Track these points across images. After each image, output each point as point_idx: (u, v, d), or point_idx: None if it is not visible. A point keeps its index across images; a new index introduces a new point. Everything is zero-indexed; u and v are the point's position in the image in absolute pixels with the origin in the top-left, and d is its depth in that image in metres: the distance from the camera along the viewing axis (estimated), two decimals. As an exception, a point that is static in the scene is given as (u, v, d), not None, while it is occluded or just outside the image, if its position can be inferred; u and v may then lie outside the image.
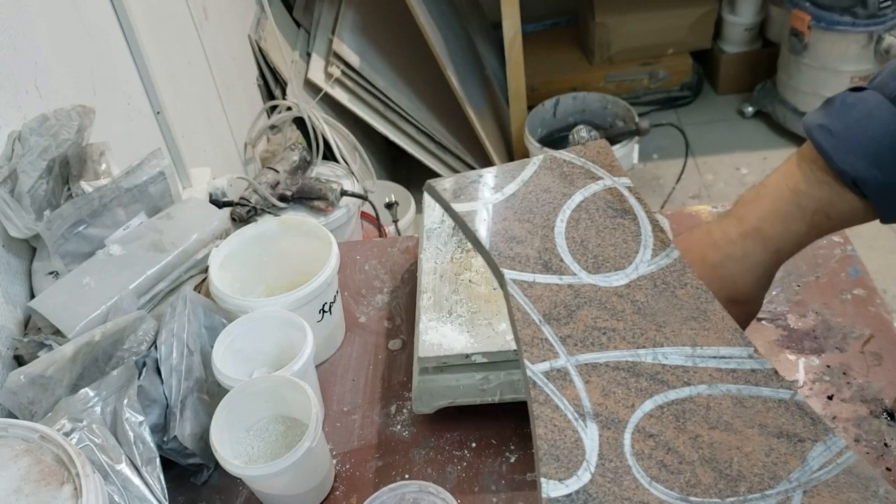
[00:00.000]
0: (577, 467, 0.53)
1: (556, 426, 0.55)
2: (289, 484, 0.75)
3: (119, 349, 0.80)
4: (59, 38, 1.10)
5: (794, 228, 0.65)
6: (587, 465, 0.53)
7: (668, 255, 0.65)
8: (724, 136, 2.68)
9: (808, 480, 0.55)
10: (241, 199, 1.56)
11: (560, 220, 0.67)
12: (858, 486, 0.55)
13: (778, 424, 0.58)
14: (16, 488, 0.61)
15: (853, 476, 0.55)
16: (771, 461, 0.56)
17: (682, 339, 0.61)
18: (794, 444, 0.57)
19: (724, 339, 0.61)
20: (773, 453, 0.56)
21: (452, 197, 0.69)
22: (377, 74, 2.23)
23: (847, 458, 0.56)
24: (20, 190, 0.89)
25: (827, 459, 0.56)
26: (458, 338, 0.77)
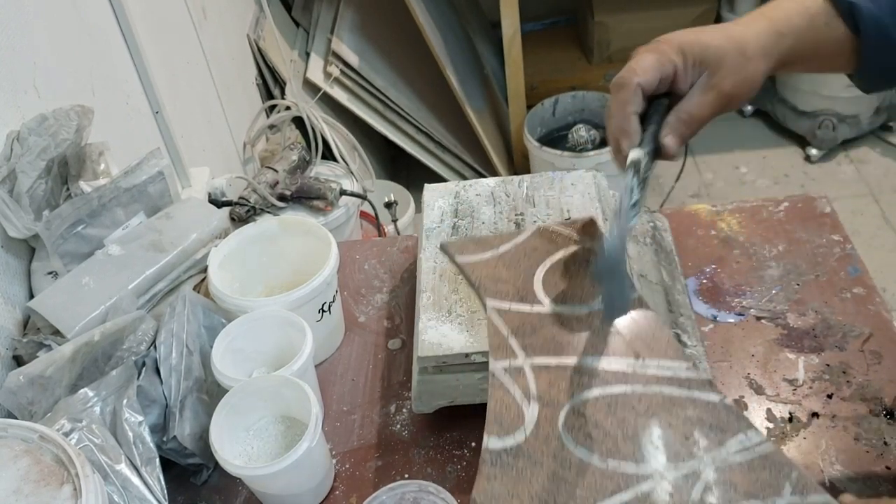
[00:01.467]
0: (515, 430, 0.66)
1: (504, 403, 0.68)
2: (288, 484, 0.75)
3: (118, 349, 0.80)
4: (57, 39, 1.10)
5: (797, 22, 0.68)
6: (524, 429, 0.66)
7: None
8: (724, 134, 2.68)
9: (722, 460, 0.64)
10: (240, 198, 1.56)
11: (540, 269, 0.80)
12: (771, 469, 0.63)
13: (701, 417, 0.67)
14: (15, 488, 0.61)
15: (768, 461, 0.64)
16: (690, 443, 0.65)
17: (628, 352, 0.72)
18: (714, 433, 0.66)
19: (667, 355, 0.72)
20: (692, 438, 0.65)
21: (457, 252, 0.83)
22: (376, 74, 2.23)
23: (764, 447, 0.65)
24: (19, 190, 0.89)
25: (744, 447, 0.65)
26: (458, 337, 0.77)
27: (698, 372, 0.70)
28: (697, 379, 0.70)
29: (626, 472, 0.62)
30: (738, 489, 0.62)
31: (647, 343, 0.72)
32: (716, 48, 0.67)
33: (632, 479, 0.62)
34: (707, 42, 0.67)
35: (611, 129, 0.69)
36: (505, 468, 0.62)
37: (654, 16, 2.63)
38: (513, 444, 0.64)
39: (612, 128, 0.69)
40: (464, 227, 0.88)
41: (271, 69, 2.09)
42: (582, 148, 2.23)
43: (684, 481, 0.62)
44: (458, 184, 0.95)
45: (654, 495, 0.61)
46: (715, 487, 0.62)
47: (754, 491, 0.62)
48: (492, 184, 0.94)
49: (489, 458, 0.62)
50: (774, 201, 1.02)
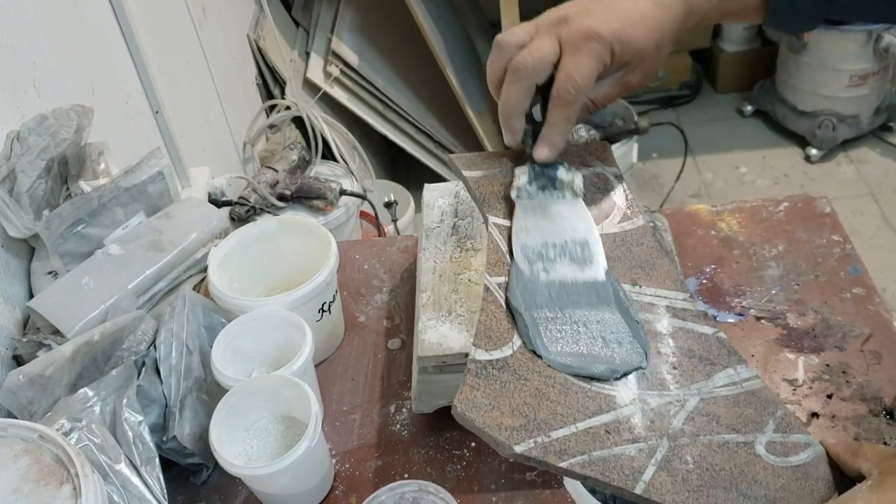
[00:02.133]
0: (504, 345, 0.64)
1: (496, 318, 0.65)
2: (288, 483, 0.75)
3: (118, 349, 0.80)
4: (57, 38, 1.10)
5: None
6: (512, 346, 0.64)
7: (633, 223, 0.74)
8: (724, 134, 2.68)
9: (708, 392, 0.63)
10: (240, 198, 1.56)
11: None
12: (757, 405, 0.63)
13: (692, 348, 0.66)
14: (15, 488, 0.61)
15: (755, 397, 0.63)
16: (678, 372, 0.64)
17: (625, 279, 0.70)
18: (704, 364, 0.65)
19: (665, 284, 0.70)
20: (681, 367, 0.64)
21: (465, 167, 0.78)
22: (376, 74, 2.23)
23: (753, 383, 0.64)
24: (19, 190, 0.89)
25: (732, 381, 0.64)
26: (458, 337, 0.77)
27: (694, 304, 0.69)
28: (693, 311, 0.69)
29: (610, 394, 0.62)
30: (720, 421, 0.61)
31: (647, 271, 0.71)
32: (639, 49, 0.67)
33: (614, 402, 0.61)
34: (634, 42, 0.67)
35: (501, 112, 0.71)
36: (489, 380, 0.61)
37: (654, 16, 2.62)
38: (500, 357, 0.62)
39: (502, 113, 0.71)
40: (464, 227, 0.88)
41: (271, 69, 2.09)
42: (582, 148, 2.23)
43: (666, 409, 0.61)
44: (458, 183, 0.95)
45: (635, 419, 0.60)
46: (697, 418, 0.61)
47: (737, 425, 0.61)
48: (492, 184, 0.94)
49: (474, 369, 0.61)
50: (774, 201, 1.02)
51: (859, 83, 2.42)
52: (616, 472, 0.57)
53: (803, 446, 0.62)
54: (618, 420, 0.60)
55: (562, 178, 0.72)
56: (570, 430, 0.59)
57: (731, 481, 0.58)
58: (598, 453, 0.58)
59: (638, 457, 0.58)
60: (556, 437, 0.58)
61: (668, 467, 0.58)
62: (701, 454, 0.59)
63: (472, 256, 0.85)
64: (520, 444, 0.57)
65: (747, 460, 0.60)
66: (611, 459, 0.57)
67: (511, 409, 0.59)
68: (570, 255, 0.69)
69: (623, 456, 0.58)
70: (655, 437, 0.59)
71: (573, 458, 0.57)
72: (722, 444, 0.60)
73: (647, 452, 0.58)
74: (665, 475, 0.57)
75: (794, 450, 0.61)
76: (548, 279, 0.68)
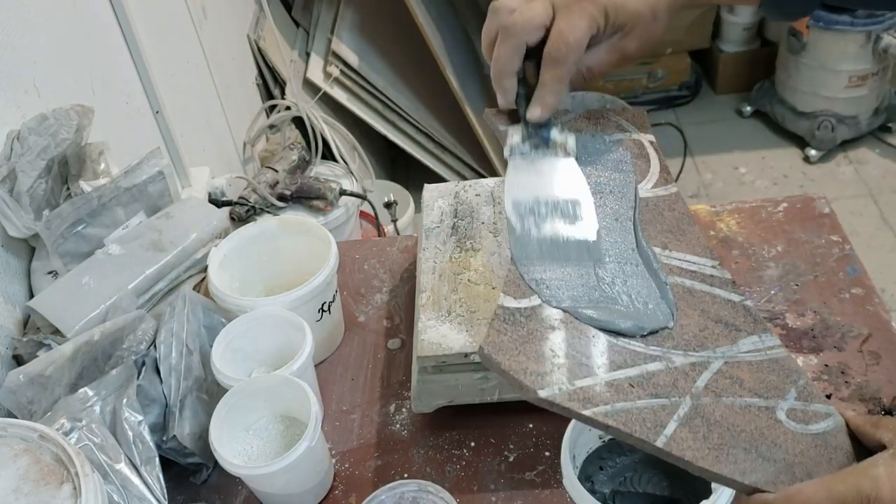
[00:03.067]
0: (532, 295, 0.64)
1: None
2: (288, 483, 0.75)
3: (118, 348, 0.80)
4: (57, 38, 1.10)
5: None
6: (539, 297, 0.64)
7: (667, 189, 0.76)
8: (723, 135, 2.68)
9: (732, 356, 0.63)
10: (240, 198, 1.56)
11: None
12: (780, 373, 0.63)
13: (719, 314, 0.66)
14: (15, 487, 0.62)
15: (778, 365, 0.63)
16: (703, 335, 0.64)
17: (656, 242, 0.71)
18: (729, 330, 0.65)
19: (694, 250, 0.71)
20: (707, 331, 0.65)
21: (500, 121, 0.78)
22: (376, 74, 2.23)
23: (777, 351, 0.64)
24: (19, 189, 0.89)
25: (756, 348, 0.64)
26: (457, 337, 0.77)
27: (722, 272, 0.70)
28: (721, 277, 0.69)
29: (635, 349, 0.62)
30: (743, 385, 0.61)
31: (677, 236, 0.72)
32: (634, 12, 0.68)
33: (639, 357, 0.61)
34: (629, 5, 0.68)
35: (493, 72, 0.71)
36: (517, 325, 0.61)
37: (654, 16, 2.63)
38: (528, 305, 0.63)
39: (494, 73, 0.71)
40: (463, 228, 0.88)
41: (271, 69, 2.09)
42: (581, 148, 2.23)
43: (691, 368, 0.62)
44: (458, 184, 0.95)
45: (659, 377, 0.60)
46: (720, 380, 0.61)
47: (759, 390, 0.61)
48: (491, 184, 0.94)
49: (502, 314, 0.61)
50: (773, 202, 1.02)
51: (858, 84, 2.42)
52: (638, 424, 0.57)
53: (824, 416, 0.62)
54: (642, 375, 0.60)
55: (554, 139, 0.73)
56: (595, 381, 0.59)
57: (751, 443, 0.58)
58: (621, 405, 0.58)
59: (661, 412, 0.58)
60: (581, 385, 0.58)
61: (689, 424, 0.58)
62: (723, 414, 0.59)
63: (471, 256, 0.85)
64: (544, 388, 0.57)
65: (768, 424, 0.60)
66: (633, 411, 0.58)
67: (537, 356, 0.59)
68: (561, 212, 0.70)
69: (646, 409, 0.58)
70: (678, 394, 0.60)
71: (596, 406, 0.57)
72: (744, 407, 0.60)
73: (669, 408, 0.58)
74: (687, 431, 0.57)
75: (814, 418, 0.61)
76: (539, 235, 0.68)
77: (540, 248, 0.68)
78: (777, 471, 0.57)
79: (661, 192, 0.76)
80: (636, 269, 0.68)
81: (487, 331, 0.60)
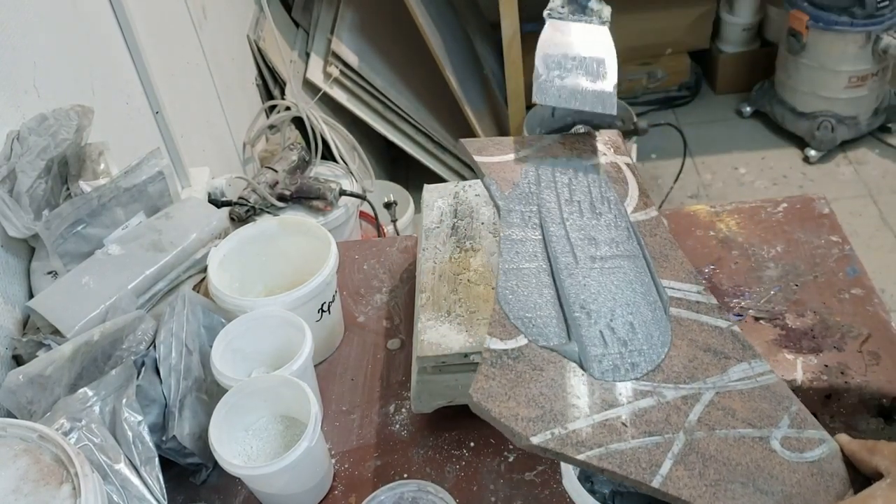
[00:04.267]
0: (518, 335, 0.64)
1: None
2: (287, 483, 0.75)
3: (118, 349, 0.80)
4: (57, 38, 1.10)
5: None
6: (525, 337, 0.65)
7: (647, 214, 0.76)
8: (723, 135, 2.68)
9: (723, 385, 0.63)
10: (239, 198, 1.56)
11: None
12: (772, 400, 0.63)
13: (707, 342, 0.66)
14: (14, 488, 0.62)
15: (769, 392, 0.63)
16: (693, 366, 0.64)
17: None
18: (718, 358, 0.65)
19: (679, 276, 0.71)
20: (696, 361, 0.64)
21: (476, 152, 0.81)
22: (376, 74, 2.23)
23: (768, 378, 0.64)
24: (19, 189, 0.89)
25: (747, 375, 0.64)
26: (457, 337, 0.77)
27: (708, 297, 0.70)
28: (707, 303, 0.69)
29: (626, 386, 0.62)
30: (735, 416, 0.61)
31: (660, 263, 0.72)
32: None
33: (631, 394, 0.61)
34: None
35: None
36: (504, 369, 0.61)
37: (654, 16, 2.63)
38: (514, 346, 0.63)
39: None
40: (463, 228, 0.88)
41: (271, 69, 2.09)
42: (581, 149, 2.23)
43: (683, 402, 0.61)
44: (458, 184, 0.95)
45: (651, 413, 0.60)
46: (713, 411, 0.61)
47: (752, 420, 0.61)
48: (491, 184, 0.94)
49: (489, 358, 0.62)
50: (773, 202, 1.02)
51: (858, 84, 2.42)
52: (633, 466, 0.57)
53: (817, 442, 0.62)
54: (634, 413, 0.60)
55: (592, 7, 0.78)
56: (587, 423, 0.59)
57: (748, 476, 0.58)
58: (615, 446, 0.58)
59: (655, 450, 0.58)
60: (573, 428, 0.58)
61: (685, 461, 0.58)
62: (717, 448, 0.59)
63: (471, 257, 0.85)
64: (536, 435, 0.57)
65: (763, 455, 0.60)
66: (627, 452, 0.57)
67: (527, 400, 0.59)
68: (585, 68, 0.75)
69: (640, 449, 0.58)
70: (672, 430, 0.59)
71: (590, 450, 0.57)
72: (738, 439, 0.60)
73: (664, 446, 0.58)
74: (682, 469, 0.57)
75: (808, 445, 0.61)
76: (561, 84, 0.74)
77: (559, 94, 0.73)
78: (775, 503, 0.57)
79: (642, 217, 0.76)
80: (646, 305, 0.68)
81: (476, 377, 0.60)
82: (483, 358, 0.62)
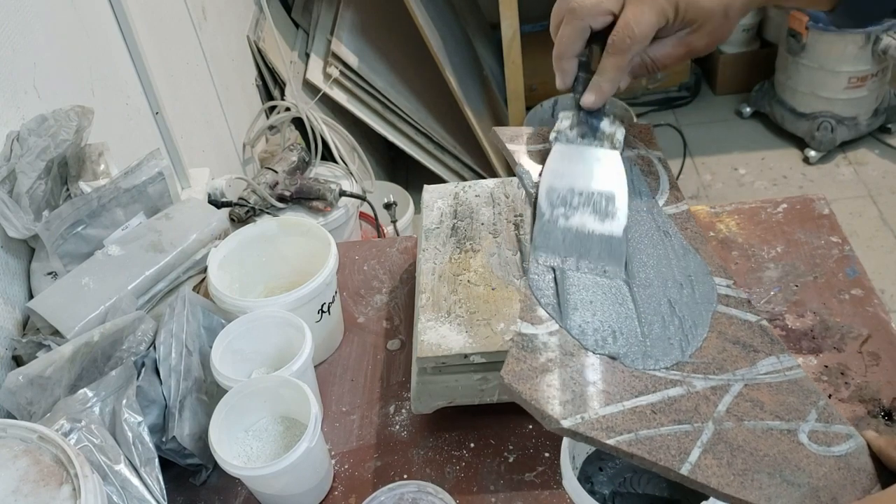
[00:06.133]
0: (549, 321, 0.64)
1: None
2: (287, 484, 0.75)
3: (118, 349, 0.80)
4: (57, 39, 1.10)
5: None
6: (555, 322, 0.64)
7: (678, 207, 0.76)
8: (723, 136, 2.68)
9: (752, 378, 0.63)
10: (239, 199, 1.56)
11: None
12: (799, 394, 0.63)
13: (736, 335, 0.66)
14: (14, 489, 0.61)
15: (797, 386, 0.64)
16: (721, 357, 0.64)
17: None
18: (747, 351, 0.65)
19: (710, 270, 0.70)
20: (725, 353, 0.65)
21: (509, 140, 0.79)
22: (376, 75, 2.23)
23: (796, 372, 0.64)
24: (19, 190, 0.89)
25: (775, 369, 0.64)
26: (457, 338, 0.77)
27: (738, 291, 0.70)
28: (736, 297, 0.69)
29: (656, 374, 0.62)
30: (764, 408, 0.62)
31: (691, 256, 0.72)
32: (706, 9, 0.67)
33: (660, 383, 0.61)
34: (701, 2, 0.67)
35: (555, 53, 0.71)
36: (535, 353, 0.61)
37: (654, 17, 2.63)
38: (546, 331, 0.63)
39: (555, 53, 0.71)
40: (463, 228, 0.88)
41: (271, 70, 2.09)
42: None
43: (712, 392, 0.62)
44: (458, 185, 0.95)
45: (680, 402, 0.60)
46: (741, 403, 0.61)
47: (780, 413, 0.61)
48: (491, 185, 0.94)
49: (520, 342, 0.61)
50: (773, 202, 1.02)
51: (858, 85, 2.42)
52: (663, 452, 0.57)
53: (845, 437, 0.62)
54: (664, 401, 0.60)
55: (604, 130, 0.73)
56: (617, 409, 0.59)
57: (775, 467, 0.58)
58: (644, 432, 0.58)
59: (684, 438, 0.58)
60: (603, 413, 0.58)
61: (713, 450, 0.58)
62: (745, 439, 0.59)
63: (471, 257, 0.85)
64: (567, 418, 0.57)
65: (790, 447, 0.60)
66: (657, 439, 0.58)
67: (558, 384, 0.59)
68: (593, 205, 0.70)
69: (669, 436, 0.58)
70: (701, 419, 0.60)
71: (620, 435, 0.57)
72: (766, 431, 0.60)
73: (692, 435, 0.58)
74: (711, 458, 0.57)
75: (836, 440, 0.61)
76: (566, 225, 0.69)
77: (563, 238, 0.68)
78: (802, 495, 0.57)
79: (673, 210, 0.75)
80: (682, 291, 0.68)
81: (506, 359, 0.60)
82: (514, 341, 0.62)
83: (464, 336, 0.77)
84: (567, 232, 0.68)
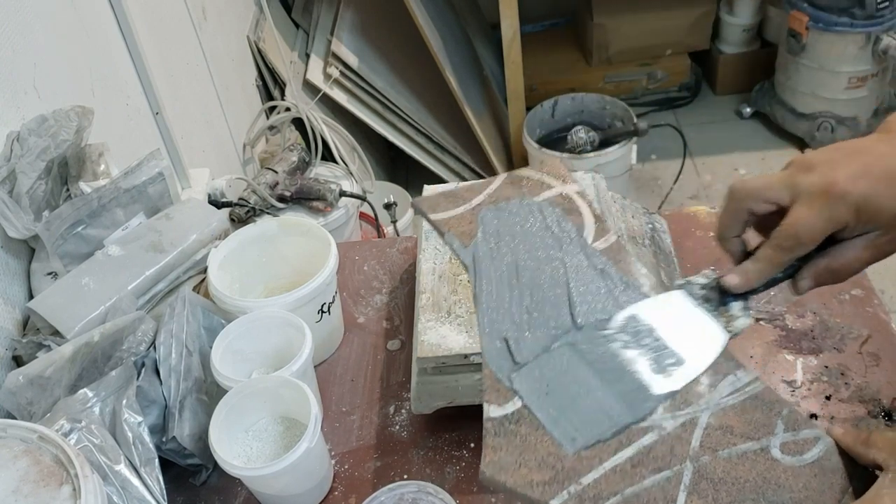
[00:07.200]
0: (513, 398, 0.63)
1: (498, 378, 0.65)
2: (288, 484, 0.75)
3: (118, 350, 0.80)
4: (57, 39, 1.10)
5: None
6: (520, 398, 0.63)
7: (607, 241, 0.75)
8: (723, 136, 2.68)
9: (716, 404, 0.63)
10: (239, 199, 1.56)
11: None
12: (763, 409, 0.64)
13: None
14: (14, 489, 0.62)
15: (759, 401, 0.64)
16: (685, 389, 0.64)
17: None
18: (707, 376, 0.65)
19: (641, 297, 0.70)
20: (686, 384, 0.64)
21: (430, 210, 0.78)
22: (376, 75, 2.23)
23: (755, 386, 0.65)
24: (19, 190, 0.89)
25: (736, 388, 0.64)
26: (457, 338, 0.77)
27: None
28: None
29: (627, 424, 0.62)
30: (734, 432, 0.62)
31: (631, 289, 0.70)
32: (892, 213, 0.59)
33: (634, 434, 0.61)
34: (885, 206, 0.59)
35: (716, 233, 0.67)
36: (509, 436, 0.61)
37: (653, 18, 2.63)
38: (513, 409, 0.63)
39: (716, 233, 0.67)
40: (463, 229, 0.88)
41: (271, 70, 2.09)
42: (581, 149, 2.23)
43: (683, 430, 0.62)
44: (458, 185, 0.95)
45: (655, 448, 0.61)
46: (712, 433, 0.62)
47: (749, 432, 0.62)
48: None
49: (492, 428, 0.61)
50: (773, 203, 1.02)
51: (858, 85, 2.42)
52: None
53: (814, 441, 0.63)
54: (640, 452, 0.61)
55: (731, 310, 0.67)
56: (599, 472, 0.59)
57: (758, 491, 0.59)
58: (630, 490, 0.59)
59: (667, 485, 0.59)
60: (587, 482, 0.59)
61: (697, 490, 0.59)
62: (724, 469, 0.60)
63: (471, 258, 0.85)
64: (555, 497, 0.58)
65: (766, 466, 0.61)
66: (643, 494, 0.59)
67: (537, 463, 0.60)
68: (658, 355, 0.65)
69: (654, 488, 0.59)
70: (678, 461, 0.60)
71: (608, 500, 0.58)
72: (741, 456, 0.61)
73: (674, 480, 0.59)
74: (696, 498, 0.59)
75: (806, 446, 0.62)
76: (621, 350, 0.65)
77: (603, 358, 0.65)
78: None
79: (601, 245, 0.73)
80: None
81: (484, 450, 0.60)
82: (486, 429, 0.62)
83: (464, 336, 0.77)
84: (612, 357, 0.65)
